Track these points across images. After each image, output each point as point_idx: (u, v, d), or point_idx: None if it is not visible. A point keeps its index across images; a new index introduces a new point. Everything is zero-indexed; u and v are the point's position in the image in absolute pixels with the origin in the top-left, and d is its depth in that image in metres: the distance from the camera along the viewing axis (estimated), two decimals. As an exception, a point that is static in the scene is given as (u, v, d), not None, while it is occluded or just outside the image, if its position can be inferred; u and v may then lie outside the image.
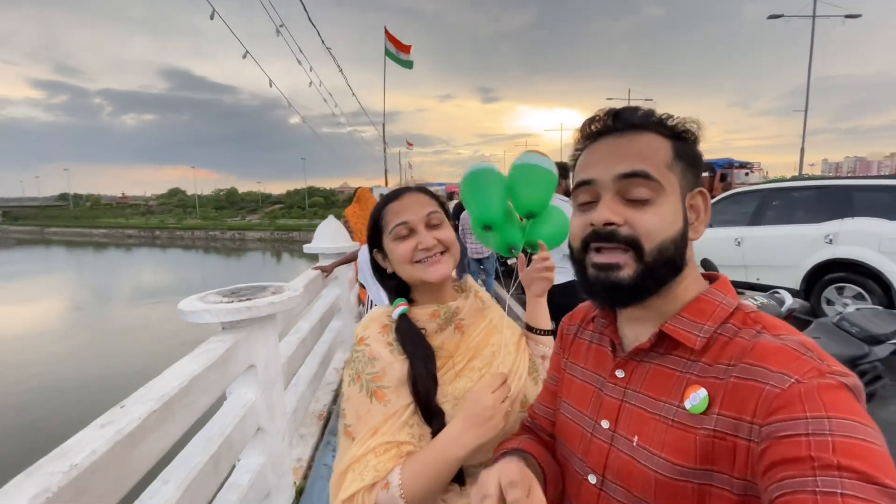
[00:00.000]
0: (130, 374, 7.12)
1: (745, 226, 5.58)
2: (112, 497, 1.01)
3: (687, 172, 0.61)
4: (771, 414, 0.47)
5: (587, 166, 0.63)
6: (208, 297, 1.86)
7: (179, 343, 8.79)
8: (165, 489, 1.28)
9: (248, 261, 27.34)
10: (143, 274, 21.83)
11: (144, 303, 13.88)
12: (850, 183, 4.94)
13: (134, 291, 16.43)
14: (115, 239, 45.03)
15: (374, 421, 0.82)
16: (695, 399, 0.55)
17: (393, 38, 11.60)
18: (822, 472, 0.42)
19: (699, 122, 0.63)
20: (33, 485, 0.83)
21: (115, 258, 30.35)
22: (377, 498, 0.75)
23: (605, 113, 0.64)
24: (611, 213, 0.59)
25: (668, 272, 0.59)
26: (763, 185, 6.11)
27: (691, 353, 0.58)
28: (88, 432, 1.03)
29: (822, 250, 4.82)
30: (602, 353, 0.71)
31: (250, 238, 38.56)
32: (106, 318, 12.13)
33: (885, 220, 4.44)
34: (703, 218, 0.62)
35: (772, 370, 0.49)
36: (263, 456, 1.92)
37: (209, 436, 1.57)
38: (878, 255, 4.43)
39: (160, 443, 1.19)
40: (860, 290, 4.62)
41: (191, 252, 32.50)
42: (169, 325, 10.85)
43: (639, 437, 0.59)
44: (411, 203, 0.91)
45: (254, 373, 1.87)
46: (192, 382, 1.35)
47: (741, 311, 0.59)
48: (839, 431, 0.43)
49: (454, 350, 0.92)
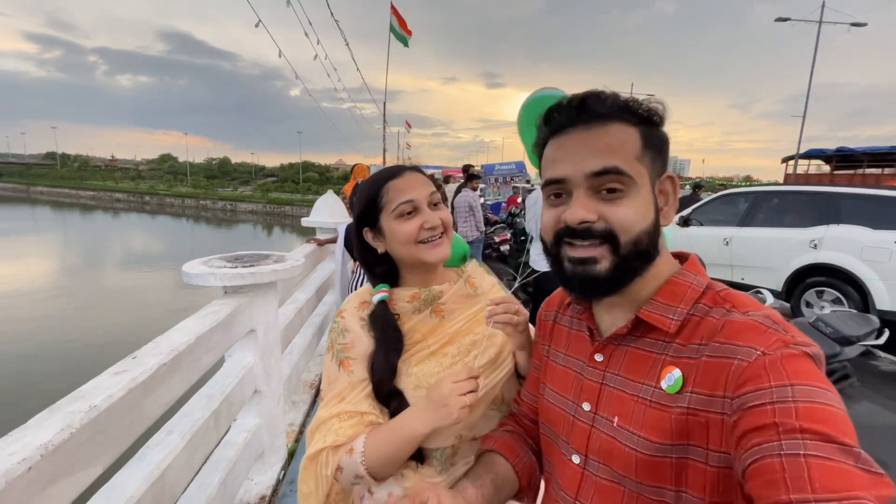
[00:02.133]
0: (106, 341, 7.10)
1: (735, 226, 5.70)
2: (125, 441, 1.08)
3: (655, 160, 0.61)
4: (740, 387, 0.49)
5: (556, 162, 0.62)
6: (212, 262, 1.90)
7: (167, 310, 8.78)
8: (170, 438, 1.35)
9: (240, 232, 27.09)
10: (130, 239, 21.56)
11: (132, 269, 13.76)
12: (838, 190, 5.06)
13: (121, 257, 16.25)
14: (103, 202, 44.25)
15: (340, 387, 0.86)
16: (670, 379, 0.57)
17: (399, 14, 11.44)
18: (786, 436, 0.44)
19: (664, 103, 0.61)
20: (58, 420, 0.89)
21: (103, 222, 29.88)
22: (341, 461, 0.79)
23: (569, 100, 0.61)
24: (585, 212, 0.58)
25: (641, 263, 0.60)
26: (754, 189, 6.22)
27: (665, 335, 0.60)
28: (103, 378, 1.08)
29: (807, 254, 4.96)
30: (581, 338, 0.72)
31: (242, 210, 38.14)
32: (91, 281, 12.00)
33: (869, 228, 4.58)
34: (672, 203, 0.63)
35: (740, 345, 0.52)
36: (259, 417, 1.99)
37: (210, 394, 1.64)
38: (859, 262, 4.57)
39: (168, 394, 1.26)
40: (839, 295, 4.77)
41: (181, 220, 32.10)
42: (155, 292, 10.78)
43: (619, 417, 0.61)
44: (414, 182, 0.88)
45: (254, 337, 1.93)
46: (198, 340, 1.40)
47: (711, 290, 0.61)
48: (801, 397, 0.45)
49: (428, 334, 0.91)
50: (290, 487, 2.06)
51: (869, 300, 4.50)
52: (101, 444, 0.97)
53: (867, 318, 2.94)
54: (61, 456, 0.85)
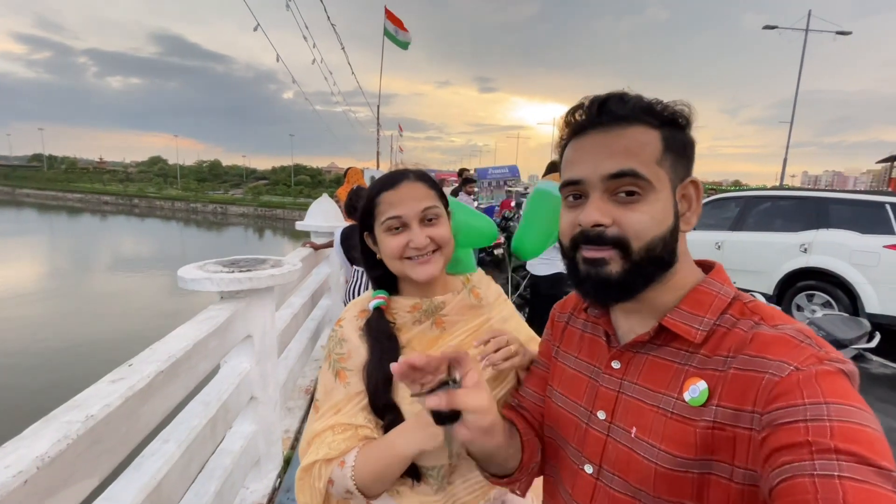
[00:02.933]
0: (89, 345, 6.96)
1: (727, 230, 5.76)
2: (122, 450, 1.05)
3: (677, 163, 0.59)
4: (771, 402, 0.48)
5: (574, 163, 0.61)
6: (208, 266, 1.87)
7: (155, 314, 8.64)
8: (167, 447, 1.32)
9: (230, 235, 26.87)
10: (119, 243, 21.25)
11: (118, 272, 13.55)
12: (828, 195, 5.14)
13: (108, 260, 15.99)
14: (91, 205, 43.65)
15: (336, 399, 0.84)
16: (694, 391, 0.55)
17: (393, 16, 11.42)
18: (819, 455, 0.42)
19: (690, 106, 0.60)
20: (54, 430, 0.86)
21: (90, 224, 29.46)
22: (332, 474, 0.78)
23: (589, 102, 0.60)
24: (599, 215, 0.57)
25: (655, 270, 0.58)
26: (745, 193, 6.31)
27: (689, 345, 0.58)
28: (100, 387, 1.06)
29: (797, 258, 5.03)
30: (596, 343, 0.70)
31: (233, 213, 37.86)
32: (77, 285, 11.80)
33: (858, 233, 4.65)
34: (694, 208, 0.61)
35: (771, 359, 0.50)
36: (255, 424, 1.96)
37: (207, 401, 1.61)
38: (849, 266, 4.64)
39: (165, 402, 1.23)
40: (829, 299, 4.84)
41: (171, 223, 31.76)
42: (141, 298, 10.56)
43: (637, 428, 0.59)
44: (407, 195, 0.84)
45: (250, 343, 1.90)
46: (196, 347, 1.38)
47: (739, 301, 0.59)
48: (837, 416, 0.43)
49: (427, 346, 0.88)
50: (286, 496, 2.03)
51: (858, 304, 4.57)
52: (98, 454, 0.95)
53: (859, 321, 2.98)
54: (58, 468, 0.83)
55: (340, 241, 3.16)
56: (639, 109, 0.58)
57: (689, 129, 0.61)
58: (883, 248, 4.43)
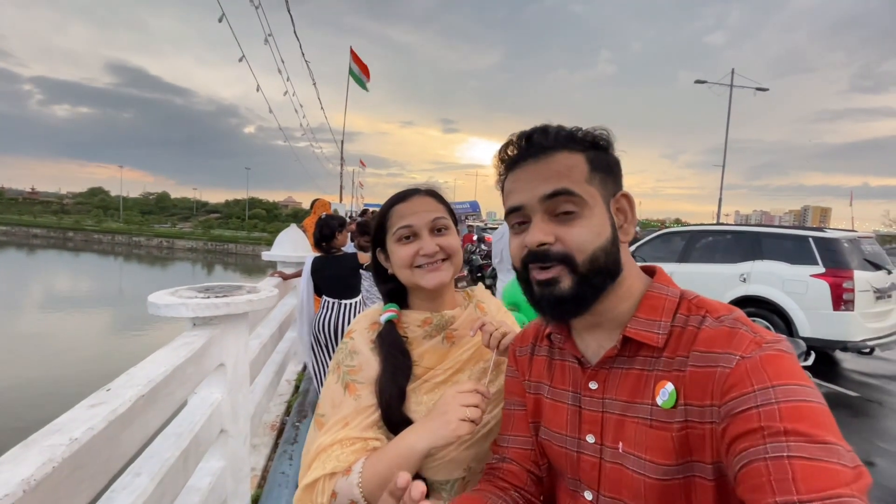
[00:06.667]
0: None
1: (675, 262, 6.17)
2: (102, 478, 0.99)
3: (606, 180, 0.63)
4: (725, 393, 0.51)
5: (514, 192, 0.65)
6: (181, 292, 1.81)
7: (80, 359, 7.79)
8: (138, 481, 1.24)
9: (175, 271, 25.41)
10: (44, 279, 19.52)
11: (41, 310, 12.37)
12: (761, 230, 5.68)
13: (28, 297, 14.58)
14: (18, 238, 40.22)
15: (345, 412, 0.83)
16: (664, 394, 0.57)
17: (358, 59, 11.80)
18: (771, 439, 0.45)
19: (609, 130, 0.65)
20: (38, 453, 0.81)
21: (14, 259, 26.97)
22: (336, 486, 0.75)
23: (517, 137, 0.66)
24: (542, 234, 0.61)
25: (604, 280, 0.61)
26: (690, 228, 6.82)
27: (654, 351, 0.60)
28: (79, 412, 1.00)
29: (738, 287, 5.45)
30: (567, 368, 0.70)
31: (180, 247, 36.05)
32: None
33: (787, 263, 5.14)
34: (630, 219, 0.65)
35: (719, 353, 0.53)
36: (224, 460, 1.85)
37: (179, 432, 1.52)
38: (782, 293, 5.10)
39: (143, 430, 1.17)
40: (768, 324, 5.25)
41: (108, 258, 29.67)
42: (63, 340, 9.55)
43: (623, 443, 0.60)
44: (418, 206, 0.89)
45: (223, 372, 1.83)
46: (174, 372, 1.32)
47: (685, 298, 0.62)
48: (784, 398, 0.47)
49: (438, 361, 0.89)
50: (255, 537, 1.90)
51: (793, 328, 4.99)
52: (80, 480, 0.89)
53: (797, 342, 3.27)
54: (43, 492, 0.77)
55: (311, 272, 3.12)
56: (562, 138, 0.64)
57: (612, 150, 0.67)
58: (810, 277, 4.91)
